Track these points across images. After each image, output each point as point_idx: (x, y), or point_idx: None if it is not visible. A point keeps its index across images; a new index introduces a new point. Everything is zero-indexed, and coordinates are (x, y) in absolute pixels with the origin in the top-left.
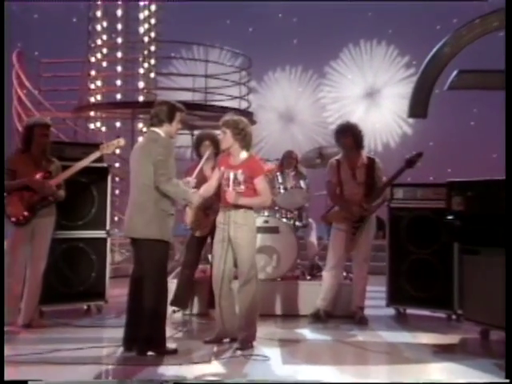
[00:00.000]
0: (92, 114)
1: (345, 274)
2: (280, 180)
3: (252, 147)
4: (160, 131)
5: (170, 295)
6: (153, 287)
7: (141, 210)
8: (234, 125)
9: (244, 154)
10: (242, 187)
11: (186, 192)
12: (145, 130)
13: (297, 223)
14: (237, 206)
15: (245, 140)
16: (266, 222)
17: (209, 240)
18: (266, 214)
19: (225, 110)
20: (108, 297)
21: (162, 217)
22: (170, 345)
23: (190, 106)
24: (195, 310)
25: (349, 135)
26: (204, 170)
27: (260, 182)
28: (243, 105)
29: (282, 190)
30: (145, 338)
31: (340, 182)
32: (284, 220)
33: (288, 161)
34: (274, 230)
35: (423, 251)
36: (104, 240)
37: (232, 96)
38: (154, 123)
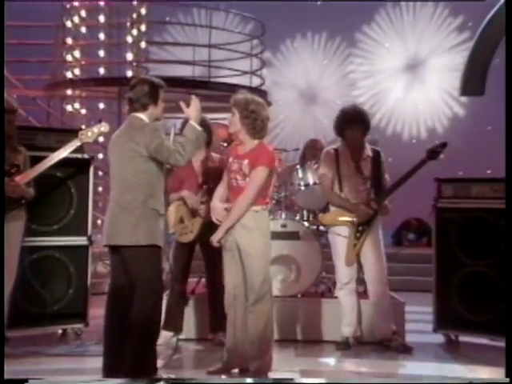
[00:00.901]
0: (69, 92)
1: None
2: (300, 174)
3: (266, 134)
4: (144, 116)
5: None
6: (145, 304)
7: (126, 211)
8: (242, 105)
9: (254, 143)
10: (247, 180)
11: (199, 131)
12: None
13: (321, 227)
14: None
15: (254, 126)
16: (284, 226)
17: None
18: (284, 216)
19: (232, 88)
20: (89, 318)
21: (153, 217)
22: (164, 375)
23: (190, 84)
24: (192, 333)
25: (361, 126)
26: (194, 164)
27: (256, 174)
28: (255, 81)
29: (302, 187)
30: (132, 366)
31: (338, 177)
32: (305, 223)
33: (311, 152)
34: (293, 236)
35: (479, 262)
36: (85, 248)
37: (241, 71)
38: (136, 108)
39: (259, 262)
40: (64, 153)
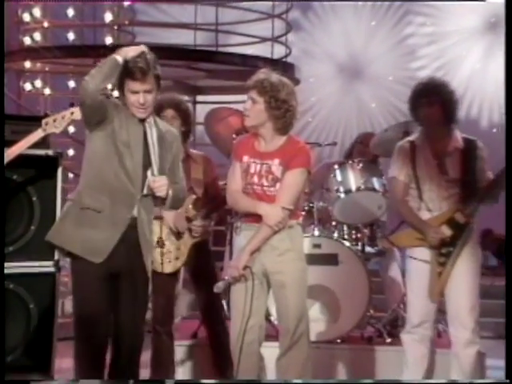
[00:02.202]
0: (27, 65)
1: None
2: (339, 178)
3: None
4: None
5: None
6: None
7: None
8: (272, 91)
9: (282, 138)
10: (276, 187)
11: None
12: (116, 94)
13: (367, 248)
14: None
15: (284, 118)
16: (318, 246)
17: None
18: (317, 232)
19: (246, 60)
20: (55, 371)
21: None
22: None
23: (191, 55)
24: None
25: (436, 102)
26: None
27: (292, 177)
28: (278, 51)
29: (341, 195)
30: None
31: (416, 179)
32: (346, 243)
33: (361, 149)
34: (329, 260)
35: None
36: (49, 277)
37: (259, 37)
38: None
39: (296, 294)
40: (22, 148)
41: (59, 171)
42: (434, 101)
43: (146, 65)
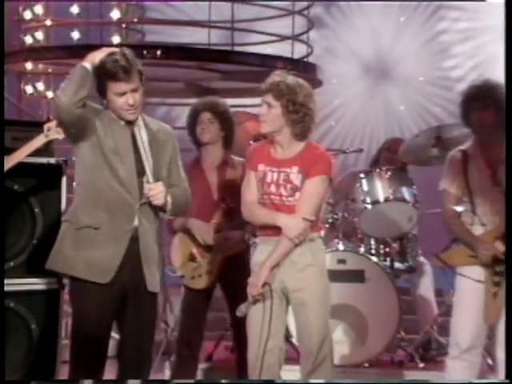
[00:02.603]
0: (29, 66)
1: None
2: (365, 187)
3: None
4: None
5: None
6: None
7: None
8: (289, 94)
9: (300, 144)
10: (295, 197)
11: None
12: None
13: (397, 264)
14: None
15: (303, 123)
16: (342, 261)
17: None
18: (342, 247)
19: (265, 60)
20: None
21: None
22: None
23: (205, 54)
24: None
25: (490, 105)
26: (206, 173)
27: (313, 186)
28: (299, 50)
29: (368, 206)
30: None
31: (469, 192)
32: (374, 259)
33: (389, 156)
34: (355, 277)
35: None
36: (53, 295)
37: (279, 35)
38: None
39: (318, 314)
40: (23, 155)
41: (63, 180)
42: (488, 104)
43: (127, 62)
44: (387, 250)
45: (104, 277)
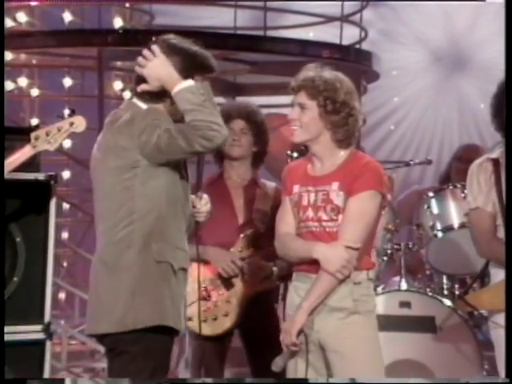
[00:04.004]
0: (8, 56)
1: None
2: (435, 209)
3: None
4: (157, 106)
5: None
6: None
7: (112, 270)
8: (327, 91)
9: (341, 154)
10: (338, 221)
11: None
12: (127, 95)
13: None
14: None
15: (346, 126)
16: (406, 305)
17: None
18: (405, 285)
19: (307, 47)
20: None
21: (162, 277)
22: None
23: (229, 41)
24: None
25: None
26: (230, 193)
27: (359, 205)
28: (349, 34)
29: (438, 233)
30: None
31: (502, 208)
32: (447, 302)
33: (462, 167)
34: (424, 326)
35: None
36: (38, 347)
37: (324, 16)
38: (142, 96)
39: (363, 372)
40: (5, 171)
41: (52, 202)
42: None
43: None
44: (464, 290)
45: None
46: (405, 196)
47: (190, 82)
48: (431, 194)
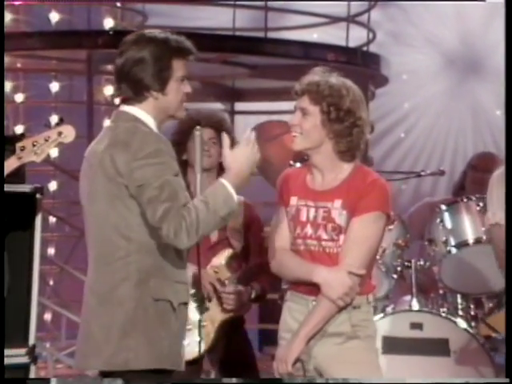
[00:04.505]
0: None
1: None
2: (448, 224)
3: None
4: (142, 112)
5: None
6: None
7: (105, 304)
8: (331, 97)
9: (345, 168)
10: (339, 241)
11: (231, 201)
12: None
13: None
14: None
15: (350, 137)
16: (418, 326)
17: None
18: (416, 305)
19: (310, 49)
20: None
21: (161, 316)
22: None
23: (228, 43)
24: None
25: None
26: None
27: (360, 226)
28: (356, 35)
29: (453, 249)
30: None
31: None
32: (462, 324)
33: (477, 177)
34: (436, 349)
35: None
36: (23, 370)
37: (329, 16)
38: (127, 97)
39: None
40: None
41: (38, 216)
42: None
43: None
44: (480, 311)
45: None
46: (416, 209)
47: (232, 194)
48: (444, 207)
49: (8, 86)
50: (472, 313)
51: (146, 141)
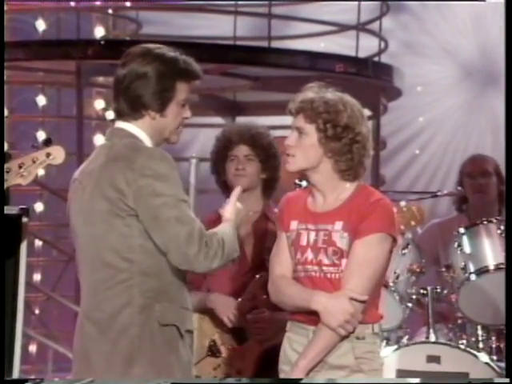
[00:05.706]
0: None
1: None
2: (467, 248)
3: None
4: (138, 129)
5: None
6: None
7: (105, 332)
8: (327, 113)
9: (347, 187)
10: (341, 266)
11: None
12: (110, 116)
13: None
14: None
15: (350, 154)
16: (435, 359)
17: None
18: (433, 337)
19: (317, 60)
20: None
21: (169, 341)
22: None
23: (228, 53)
24: None
25: None
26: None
27: (363, 249)
28: (366, 45)
29: (472, 276)
30: None
31: None
32: (483, 357)
33: (475, 184)
34: (453, 383)
35: None
36: None
37: (337, 24)
38: (124, 113)
39: None
40: None
41: (24, 244)
42: None
43: None
44: (503, 344)
45: None
46: (424, 232)
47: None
48: (462, 231)
49: None
50: (493, 345)
51: (153, 157)
